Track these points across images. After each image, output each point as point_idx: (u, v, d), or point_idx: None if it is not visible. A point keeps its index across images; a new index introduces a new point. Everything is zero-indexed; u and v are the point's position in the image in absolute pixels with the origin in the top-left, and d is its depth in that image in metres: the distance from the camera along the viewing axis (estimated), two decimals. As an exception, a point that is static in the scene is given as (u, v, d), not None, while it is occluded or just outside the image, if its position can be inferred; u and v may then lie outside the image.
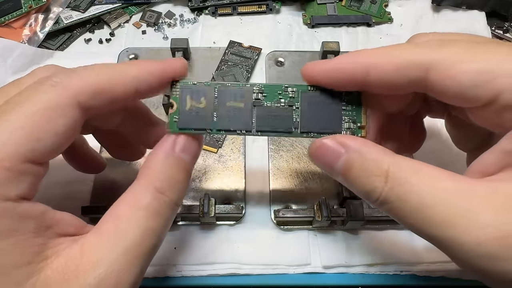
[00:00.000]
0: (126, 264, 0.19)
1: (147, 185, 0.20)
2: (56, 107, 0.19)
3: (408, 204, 0.18)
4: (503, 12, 0.45)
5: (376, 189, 0.19)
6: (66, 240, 0.19)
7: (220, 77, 0.39)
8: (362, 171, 0.20)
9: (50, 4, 0.44)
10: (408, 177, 0.18)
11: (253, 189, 0.34)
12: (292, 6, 0.46)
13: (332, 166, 0.21)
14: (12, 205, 0.17)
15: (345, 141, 0.21)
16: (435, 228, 0.17)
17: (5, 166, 0.17)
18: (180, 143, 0.22)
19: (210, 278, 0.31)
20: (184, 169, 0.22)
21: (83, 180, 0.33)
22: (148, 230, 0.20)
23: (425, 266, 0.31)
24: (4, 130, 0.17)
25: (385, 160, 0.19)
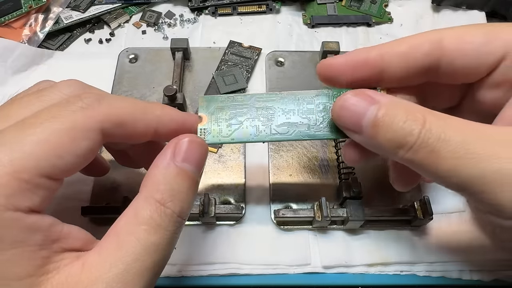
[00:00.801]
0: (127, 281, 0.18)
1: (147, 197, 0.20)
2: (82, 129, 0.19)
3: (448, 143, 0.18)
4: (503, 12, 0.45)
5: (414, 131, 0.18)
6: (70, 255, 0.19)
7: (220, 77, 0.39)
8: (396, 117, 0.19)
9: (50, 4, 0.44)
10: (446, 121, 0.18)
11: (253, 189, 0.34)
12: (292, 6, 0.46)
13: (360, 121, 0.20)
14: (21, 216, 0.17)
15: (372, 94, 0.20)
16: (478, 163, 0.17)
17: (23, 178, 0.17)
18: (180, 153, 0.21)
19: (210, 278, 0.31)
20: (187, 179, 0.21)
21: (83, 180, 0.33)
22: (150, 245, 0.19)
23: (425, 266, 0.31)
24: (29, 142, 0.18)
25: (420, 108, 0.19)
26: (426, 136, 0.18)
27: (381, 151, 0.20)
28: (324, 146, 0.36)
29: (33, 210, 0.18)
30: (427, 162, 0.18)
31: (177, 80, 0.38)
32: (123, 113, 0.21)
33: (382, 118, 0.19)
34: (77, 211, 0.30)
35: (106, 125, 0.20)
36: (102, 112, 0.20)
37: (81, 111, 0.19)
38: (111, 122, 0.20)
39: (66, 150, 0.18)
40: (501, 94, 0.21)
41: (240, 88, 0.39)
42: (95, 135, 0.19)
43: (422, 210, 0.31)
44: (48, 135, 0.18)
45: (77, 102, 0.19)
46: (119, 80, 0.39)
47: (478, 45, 0.20)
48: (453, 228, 0.32)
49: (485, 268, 0.31)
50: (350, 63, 0.22)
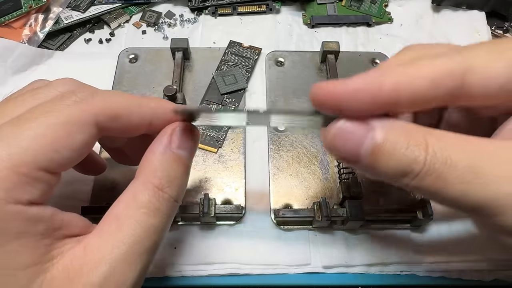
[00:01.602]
0: (128, 262, 0.19)
1: (145, 182, 0.21)
2: (77, 123, 0.19)
3: (456, 168, 0.17)
4: (503, 12, 0.45)
5: (418, 158, 0.17)
6: (71, 240, 0.19)
7: (220, 77, 0.39)
8: (397, 144, 0.17)
9: (50, 4, 0.44)
10: (449, 142, 0.17)
11: (253, 189, 0.34)
12: (292, 6, 0.46)
13: (358, 150, 0.18)
14: (22, 208, 0.18)
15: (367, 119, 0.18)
16: (488, 187, 0.16)
17: (22, 172, 0.17)
18: (175, 140, 0.22)
19: (210, 278, 0.31)
20: (182, 165, 0.22)
21: (83, 180, 0.33)
22: (149, 228, 0.20)
23: (425, 266, 0.31)
24: (26, 137, 0.18)
25: (419, 130, 0.18)
26: (432, 162, 0.17)
27: (383, 178, 0.19)
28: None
29: (33, 202, 0.18)
30: (435, 188, 0.17)
31: (177, 80, 0.38)
32: (117, 106, 0.21)
33: (383, 145, 0.18)
34: (77, 211, 0.30)
35: (101, 118, 0.20)
36: (97, 106, 0.20)
37: (75, 105, 0.19)
38: (106, 115, 0.20)
39: (62, 144, 0.19)
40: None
41: (240, 88, 0.39)
42: (90, 128, 0.20)
43: (422, 210, 0.31)
44: (44, 130, 0.18)
45: (71, 97, 0.20)
46: (119, 80, 0.39)
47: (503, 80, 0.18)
48: (453, 228, 0.32)
49: (485, 268, 0.31)
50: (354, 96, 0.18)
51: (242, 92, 0.39)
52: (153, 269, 0.30)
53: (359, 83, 0.18)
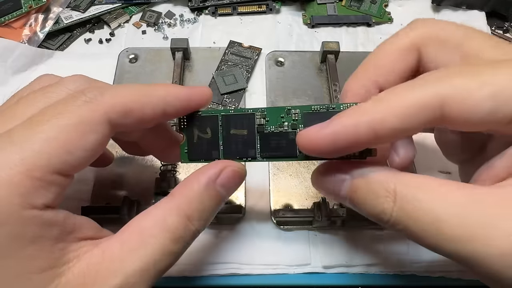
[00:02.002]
0: (142, 279, 0.19)
1: (179, 209, 0.21)
2: (89, 123, 0.19)
3: (420, 222, 0.17)
4: (503, 12, 0.45)
5: (386, 210, 0.18)
6: (86, 243, 0.19)
7: (220, 77, 0.39)
8: (368, 194, 0.19)
9: (50, 4, 0.44)
10: (416, 194, 0.18)
11: (253, 189, 0.34)
12: (292, 6, 0.46)
13: (338, 193, 0.21)
14: (38, 213, 0.18)
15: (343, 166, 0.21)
16: (453, 244, 0.17)
17: (35, 176, 0.17)
18: (223, 178, 0.22)
19: (210, 278, 0.31)
20: (218, 202, 0.22)
21: (83, 180, 0.33)
22: (169, 252, 0.20)
23: (425, 266, 0.31)
24: (38, 140, 0.18)
25: (391, 180, 0.19)
26: (398, 215, 0.18)
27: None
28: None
29: (48, 206, 0.18)
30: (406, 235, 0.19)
31: (177, 80, 0.38)
32: (127, 101, 0.20)
33: (356, 192, 0.20)
34: (77, 211, 0.30)
35: (113, 116, 0.20)
36: (107, 104, 0.20)
37: (85, 105, 0.19)
38: (117, 112, 0.20)
39: (76, 146, 0.19)
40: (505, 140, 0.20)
41: (240, 88, 0.39)
42: (103, 127, 0.20)
43: (422, 210, 0.31)
44: (57, 132, 0.18)
45: (81, 97, 0.20)
46: (119, 80, 0.39)
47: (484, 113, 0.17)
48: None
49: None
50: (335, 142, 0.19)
51: (242, 92, 0.39)
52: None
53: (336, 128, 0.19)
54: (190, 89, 0.23)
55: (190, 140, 0.24)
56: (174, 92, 0.22)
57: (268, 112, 0.23)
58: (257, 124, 0.23)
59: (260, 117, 0.23)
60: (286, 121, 0.23)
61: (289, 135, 0.23)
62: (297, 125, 0.23)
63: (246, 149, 0.23)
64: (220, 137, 0.24)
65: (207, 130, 0.24)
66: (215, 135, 0.24)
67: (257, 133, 0.23)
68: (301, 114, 0.23)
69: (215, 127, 0.24)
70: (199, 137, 0.24)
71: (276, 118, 0.23)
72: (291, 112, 0.23)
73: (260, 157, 0.23)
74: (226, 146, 0.24)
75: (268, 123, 0.23)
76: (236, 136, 0.23)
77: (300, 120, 0.23)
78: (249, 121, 0.23)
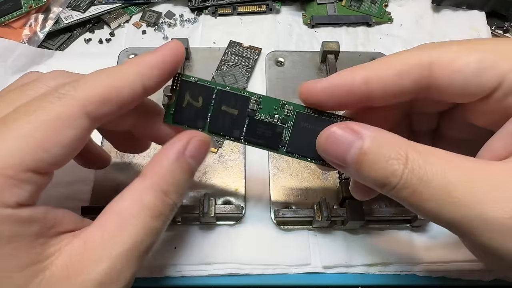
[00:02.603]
0: (128, 261, 0.19)
1: (154, 185, 0.21)
2: (65, 118, 0.19)
3: (430, 184, 0.17)
4: (503, 12, 0.45)
5: (396, 172, 0.18)
6: (66, 236, 0.19)
7: (220, 77, 0.39)
8: (379, 156, 0.19)
9: (50, 4, 0.44)
10: (428, 158, 0.18)
11: (253, 189, 0.34)
12: (292, 6, 0.46)
13: (345, 155, 0.20)
14: (12, 211, 0.17)
15: (357, 127, 0.20)
16: (462, 208, 0.17)
17: (8, 174, 0.17)
18: (191, 149, 0.22)
19: (210, 278, 0.31)
20: (189, 174, 0.22)
21: (83, 180, 0.33)
22: (151, 229, 0.20)
23: (425, 266, 0.31)
24: (12, 138, 0.17)
25: (403, 144, 0.19)
26: (409, 177, 0.18)
27: (366, 184, 0.20)
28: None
29: (22, 204, 0.18)
30: (411, 201, 0.18)
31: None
32: (102, 90, 0.20)
33: (366, 156, 0.19)
34: (77, 211, 0.30)
35: (91, 108, 0.19)
36: (81, 97, 0.19)
37: (58, 100, 0.19)
38: (93, 103, 0.19)
39: (52, 142, 0.18)
40: (491, 120, 0.21)
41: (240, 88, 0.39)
42: (80, 121, 0.19)
43: (422, 210, 0.31)
44: (31, 129, 0.18)
45: (54, 93, 0.19)
46: (119, 80, 0.39)
47: (469, 75, 0.19)
48: (453, 228, 0.32)
49: (485, 268, 0.31)
50: (333, 91, 0.21)
51: (242, 92, 0.39)
52: (153, 269, 0.30)
53: (334, 78, 0.21)
54: (160, 51, 0.21)
55: (179, 103, 0.24)
56: (147, 63, 0.21)
57: (263, 100, 0.23)
58: (250, 108, 0.23)
59: (254, 103, 0.23)
60: (278, 114, 0.23)
61: (277, 127, 0.23)
62: (287, 120, 0.23)
63: (232, 129, 0.23)
64: (210, 109, 0.23)
65: (199, 98, 0.23)
66: (206, 106, 0.23)
67: (247, 117, 0.23)
68: (294, 112, 0.23)
69: (208, 98, 0.23)
70: (189, 103, 0.23)
71: (269, 108, 0.23)
72: (285, 107, 0.23)
73: (243, 140, 0.24)
74: (213, 119, 0.23)
75: (260, 110, 0.23)
76: (226, 113, 0.23)
77: (292, 117, 0.23)
78: (243, 103, 0.23)
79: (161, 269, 0.30)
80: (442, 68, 0.19)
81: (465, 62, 0.19)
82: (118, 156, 0.34)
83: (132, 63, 0.21)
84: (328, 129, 0.21)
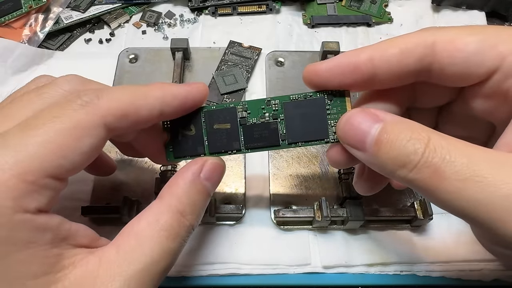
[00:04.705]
0: (142, 281, 0.19)
1: (170, 206, 0.21)
2: (85, 127, 0.19)
3: (454, 163, 0.17)
4: (503, 12, 0.45)
5: (418, 150, 0.17)
6: (81, 251, 0.19)
7: (220, 77, 0.39)
8: (400, 135, 0.18)
9: (50, 4, 0.44)
10: (452, 140, 0.18)
11: (253, 189, 0.34)
12: (292, 6, 0.46)
13: (364, 138, 0.19)
14: (31, 217, 0.17)
15: (377, 112, 0.20)
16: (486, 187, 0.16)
17: (29, 180, 0.17)
18: (206, 171, 0.23)
19: (210, 278, 0.31)
20: (205, 196, 0.23)
21: (83, 180, 0.33)
22: (167, 250, 0.20)
23: (425, 266, 0.31)
24: (33, 144, 0.18)
25: (424, 127, 0.19)
26: (431, 155, 0.17)
27: (383, 170, 0.20)
28: (324, 146, 0.36)
29: (41, 210, 0.18)
30: (430, 183, 0.17)
31: (177, 80, 0.38)
32: (124, 105, 0.20)
33: (386, 136, 0.19)
34: (77, 211, 0.30)
35: (109, 120, 0.20)
36: (103, 107, 0.20)
37: (81, 108, 0.19)
38: (113, 115, 0.20)
39: (71, 150, 0.18)
40: (493, 104, 0.21)
41: (240, 88, 0.39)
42: (99, 131, 0.19)
43: (422, 210, 0.31)
44: (52, 136, 0.18)
45: (77, 100, 0.19)
46: (119, 80, 0.39)
47: (470, 54, 0.19)
48: (453, 228, 0.32)
49: (485, 268, 0.31)
50: (338, 69, 0.21)
51: (242, 92, 0.39)
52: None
53: (339, 57, 0.21)
54: (187, 86, 0.23)
55: (174, 138, 0.24)
56: (171, 92, 0.22)
57: (249, 104, 0.24)
58: (239, 117, 0.24)
59: (242, 110, 0.24)
60: (267, 112, 0.24)
61: (270, 125, 0.24)
62: (277, 115, 0.24)
63: (231, 142, 0.24)
64: (204, 132, 0.24)
65: (191, 127, 0.24)
66: (199, 131, 0.24)
67: (240, 126, 0.24)
68: (281, 104, 0.23)
69: (198, 123, 0.24)
70: (184, 135, 0.24)
71: (257, 110, 0.24)
72: (271, 103, 0.24)
73: (245, 149, 0.24)
74: (211, 141, 0.24)
75: (249, 115, 0.24)
76: (220, 130, 0.24)
77: (280, 110, 0.24)
78: (231, 115, 0.24)
79: (161, 269, 0.30)
80: (444, 47, 0.19)
81: (466, 41, 0.19)
82: (118, 156, 0.34)
83: (158, 87, 0.22)
84: (347, 113, 0.21)
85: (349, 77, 0.21)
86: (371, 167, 0.21)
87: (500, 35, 0.19)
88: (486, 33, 0.19)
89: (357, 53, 0.21)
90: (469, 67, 0.19)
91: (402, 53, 0.20)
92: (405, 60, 0.20)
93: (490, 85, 0.20)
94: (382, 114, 0.20)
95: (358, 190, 0.26)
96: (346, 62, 0.21)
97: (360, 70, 0.21)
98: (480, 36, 0.19)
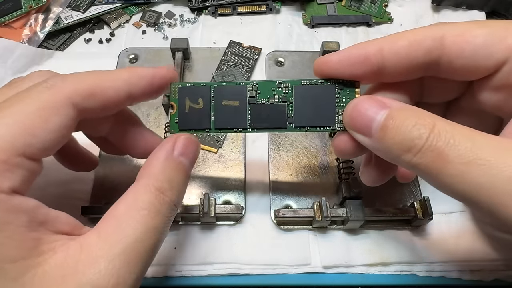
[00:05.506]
0: (127, 261, 0.19)
1: (147, 184, 0.21)
2: (51, 106, 0.19)
3: (457, 147, 0.17)
4: (503, 12, 0.45)
5: (422, 135, 0.18)
6: (62, 237, 0.19)
7: (220, 77, 0.39)
8: (405, 120, 0.19)
9: (50, 4, 0.44)
10: (456, 126, 0.18)
11: (253, 189, 0.34)
12: (292, 6, 0.46)
13: (370, 123, 0.20)
14: (5, 197, 0.17)
15: (384, 99, 0.20)
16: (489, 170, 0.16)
17: (0, 159, 0.17)
18: (178, 147, 0.23)
19: (210, 278, 0.31)
20: (183, 171, 0.23)
21: (83, 180, 0.33)
22: (150, 229, 0.20)
23: (425, 266, 0.31)
24: (1, 124, 0.18)
25: (430, 114, 0.19)
26: (435, 139, 0.18)
27: (389, 155, 0.20)
28: (324, 146, 0.36)
29: (15, 191, 0.18)
30: (433, 166, 0.18)
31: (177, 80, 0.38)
32: (89, 85, 0.21)
33: (392, 121, 0.19)
34: (77, 211, 0.30)
35: (76, 99, 0.20)
36: (68, 88, 0.20)
37: (47, 90, 0.20)
38: (80, 94, 0.20)
39: (40, 129, 0.19)
40: (502, 97, 0.21)
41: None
42: (67, 110, 0.20)
43: (422, 210, 0.31)
44: (19, 116, 0.19)
45: (42, 84, 0.20)
46: (119, 80, 0.39)
47: (478, 46, 0.19)
48: (453, 228, 0.32)
49: (485, 268, 0.31)
50: (348, 60, 0.22)
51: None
52: (153, 269, 0.30)
53: (349, 49, 0.22)
54: (153, 70, 0.23)
55: (181, 110, 0.24)
56: (137, 73, 0.23)
57: (260, 85, 0.24)
58: (249, 96, 0.24)
59: (252, 90, 0.24)
60: (277, 94, 0.24)
61: (279, 107, 0.24)
62: (287, 97, 0.24)
63: (237, 120, 0.24)
64: (212, 107, 0.24)
65: (199, 100, 0.24)
66: (207, 105, 0.24)
67: (249, 105, 0.24)
68: (291, 88, 0.24)
69: (207, 97, 0.24)
70: (191, 108, 0.24)
71: (267, 91, 0.24)
72: (281, 85, 0.24)
73: (251, 128, 0.24)
74: (217, 116, 0.24)
75: (259, 95, 0.24)
76: (228, 107, 0.24)
77: (290, 93, 0.24)
78: (241, 92, 0.24)
79: (161, 269, 0.30)
80: (453, 40, 0.20)
81: (475, 34, 0.19)
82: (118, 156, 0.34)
83: (125, 70, 0.23)
84: (354, 100, 0.22)
85: (359, 68, 0.22)
86: (376, 153, 0.21)
87: (509, 28, 0.19)
88: (495, 27, 0.20)
89: (367, 45, 0.21)
90: (477, 60, 0.20)
91: (411, 46, 0.20)
92: (414, 53, 0.21)
93: (498, 78, 0.20)
94: (388, 101, 0.20)
95: (364, 181, 0.26)
96: (356, 53, 0.22)
97: (369, 61, 0.21)
98: (489, 29, 0.19)
